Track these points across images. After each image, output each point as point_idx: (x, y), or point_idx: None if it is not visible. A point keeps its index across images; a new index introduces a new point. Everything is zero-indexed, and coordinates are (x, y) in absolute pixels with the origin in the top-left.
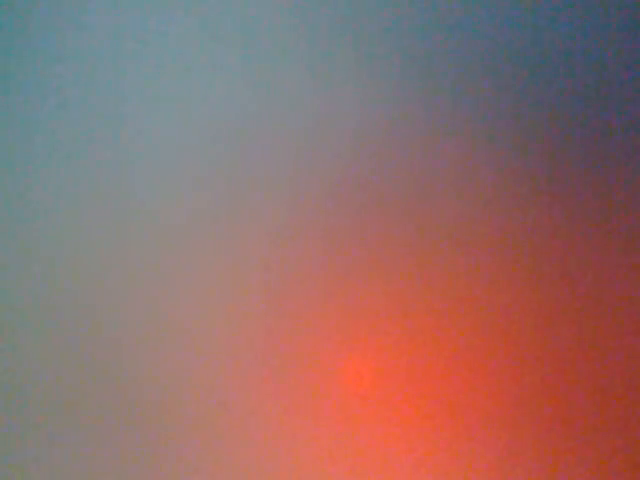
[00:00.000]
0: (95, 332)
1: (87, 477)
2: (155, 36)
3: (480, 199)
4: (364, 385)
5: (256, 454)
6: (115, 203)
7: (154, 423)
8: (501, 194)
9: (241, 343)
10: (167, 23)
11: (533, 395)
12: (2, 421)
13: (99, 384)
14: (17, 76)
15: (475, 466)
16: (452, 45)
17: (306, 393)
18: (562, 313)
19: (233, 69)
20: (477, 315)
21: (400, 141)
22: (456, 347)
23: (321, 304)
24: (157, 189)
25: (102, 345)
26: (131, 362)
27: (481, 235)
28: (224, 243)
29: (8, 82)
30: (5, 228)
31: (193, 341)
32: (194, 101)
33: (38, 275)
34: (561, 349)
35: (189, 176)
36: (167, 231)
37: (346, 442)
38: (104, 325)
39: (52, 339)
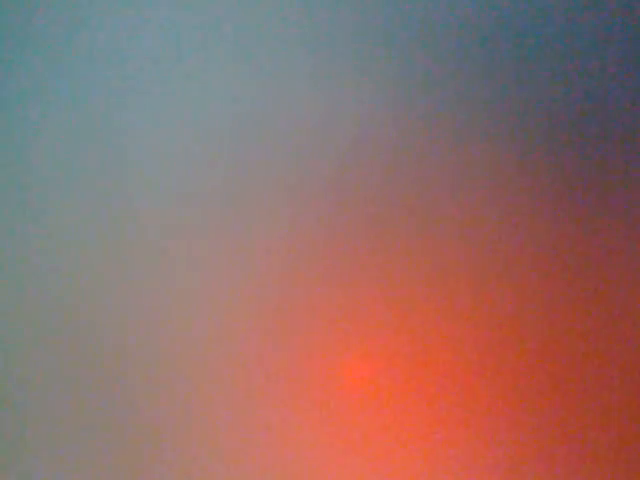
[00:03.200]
0: (95, 336)
1: None
2: (156, 34)
3: (481, 200)
4: (365, 385)
5: (257, 454)
6: (114, 203)
7: (156, 425)
8: (502, 195)
9: (242, 344)
10: (168, 21)
11: (535, 395)
12: (1, 426)
13: (99, 389)
14: (15, 77)
15: (476, 465)
16: (454, 45)
17: (307, 393)
18: (564, 312)
19: (234, 69)
20: (479, 315)
21: (402, 141)
22: (457, 347)
23: (322, 304)
24: (157, 189)
25: (102, 350)
26: (131, 366)
27: (482, 236)
28: (223, 245)
29: (5, 83)
30: (1, 231)
31: (193, 344)
32: (193, 101)
33: (36, 279)
34: (564, 349)
35: (189, 176)
36: (167, 233)
37: (347, 441)
38: (104, 330)
39: (51, 343)
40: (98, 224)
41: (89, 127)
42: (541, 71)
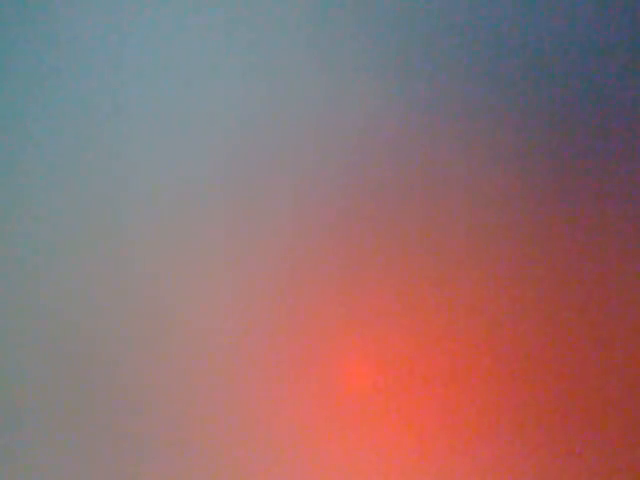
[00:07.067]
0: (97, 335)
1: None
2: (157, 34)
3: (486, 199)
4: (367, 385)
5: (259, 453)
6: (113, 205)
7: (159, 425)
8: (507, 193)
9: (243, 344)
10: (167, 21)
11: (537, 397)
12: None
13: (100, 389)
14: (14, 77)
15: (476, 466)
16: (457, 45)
17: (309, 393)
18: (568, 313)
19: (236, 69)
20: (480, 316)
21: (407, 140)
22: (459, 347)
23: (324, 304)
24: (157, 191)
25: (104, 350)
26: (133, 366)
27: (486, 237)
28: (229, 245)
29: (4, 83)
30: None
31: (198, 344)
32: (197, 101)
33: (33, 282)
34: (566, 351)
35: (194, 176)
36: (169, 234)
37: (348, 441)
38: (103, 333)
39: (48, 346)
40: (96, 226)
41: (89, 130)
42: (543, 70)
